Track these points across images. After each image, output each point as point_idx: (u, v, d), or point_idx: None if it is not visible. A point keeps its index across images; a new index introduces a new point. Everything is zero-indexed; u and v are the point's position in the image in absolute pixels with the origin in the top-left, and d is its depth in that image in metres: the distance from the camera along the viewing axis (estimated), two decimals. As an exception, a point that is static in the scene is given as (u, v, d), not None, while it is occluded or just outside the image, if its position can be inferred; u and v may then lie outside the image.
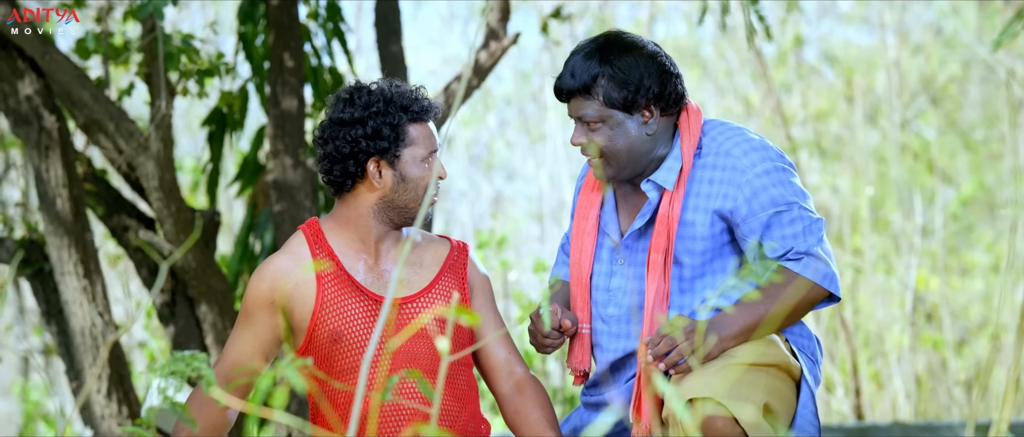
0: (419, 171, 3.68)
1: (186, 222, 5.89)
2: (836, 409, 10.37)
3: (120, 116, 5.70)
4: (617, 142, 3.68)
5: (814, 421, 3.69)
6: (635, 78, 3.66)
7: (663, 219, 3.70)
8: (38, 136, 5.77)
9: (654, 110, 3.69)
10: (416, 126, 3.68)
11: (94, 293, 5.87)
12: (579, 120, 3.70)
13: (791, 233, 3.62)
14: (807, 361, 3.76)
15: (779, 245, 3.63)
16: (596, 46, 3.70)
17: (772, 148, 3.72)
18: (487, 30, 6.28)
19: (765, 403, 3.55)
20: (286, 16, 6.18)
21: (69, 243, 5.80)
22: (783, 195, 3.63)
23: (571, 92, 3.69)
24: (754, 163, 3.66)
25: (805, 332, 3.82)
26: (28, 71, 5.75)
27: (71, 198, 5.81)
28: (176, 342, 6.15)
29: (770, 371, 3.63)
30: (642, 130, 3.69)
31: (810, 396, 3.69)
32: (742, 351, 3.63)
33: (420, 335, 3.67)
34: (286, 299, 3.71)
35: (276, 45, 6.16)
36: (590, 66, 3.67)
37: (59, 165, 5.78)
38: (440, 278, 3.74)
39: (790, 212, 3.63)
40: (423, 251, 3.78)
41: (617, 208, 3.85)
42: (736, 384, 3.53)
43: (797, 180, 3.72)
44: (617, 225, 3.83)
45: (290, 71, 6.14)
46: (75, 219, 5.81)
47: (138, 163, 5.73)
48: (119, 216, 6.21)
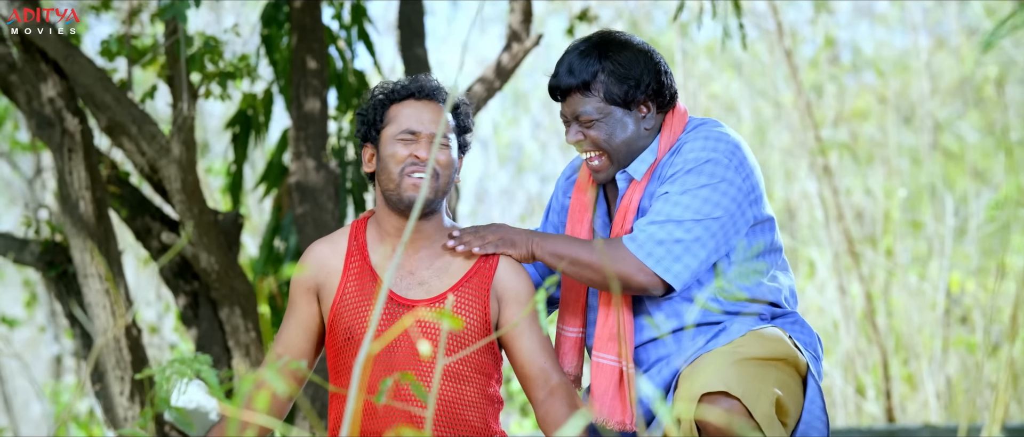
0: (391, 148, 3.67)
1: (209, 224, 5.89)
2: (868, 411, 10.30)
3: (143, 118, 5.70)
4: (615, 138, 3.67)
5: (822, 416, 3.68)
6: (635, 73, 3.67)
7: (623, 209, 3.71)
8: (61, 138, 5.78)
9: (651, 105, 3.70)
10: (398, 105, 3.69)
11: (116, 295, 5.88)
12: (576, 119, 3.69)
13: (655, 209, 3.61)
14: (811, 358, 3.75)
15: (639, 219, 3.64)
16: (592, 44, 3.71)
17: (722, 152, 3.65)
18: (509, 32, 6.27)
19: (777, 398, 3.54)
20: (309, 18, 6.17)
21: (91, 245, 5.81)
22: (680, 187, 3.61)
23: (569, 90, 3.68)
24: (690, 150, 3.64)
25: (806, 328, 3.82)
26: (51, 73, 5.76)
27: (94, 200, 5.81)
28: (199, 344, 6.16)
29: (779, 366, 3.63)
30: (640, 125, 3.69)
31: (818, 391, 3.69)
32: (752, 346, 3.63)
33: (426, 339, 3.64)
34: (318, 286, 3.74)
35: (299, 47, 6.16)
36: (589, 63, 3.67)
37: (82, 167, 5.79)
38: (460, 286, 3.70)
39: (669, 200, 3.60)
40: (453, 257, 3.74)
41: (608, 206, 3.83)
42: (749, 378, 3.52)
43: (724, 192, 3.63)
44: (608, 221, 3.82)
45: (313, 73, 6.13)
46: (98, 221, 5.82)
47: (160, 165, 5.73)
48: (143, 218, 6.22)
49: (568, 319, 3.85)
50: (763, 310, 3.77)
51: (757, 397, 3.51)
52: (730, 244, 3.66)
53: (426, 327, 3.65)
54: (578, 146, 3.71)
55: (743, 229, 3.67)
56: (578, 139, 3.69)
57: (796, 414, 3.65)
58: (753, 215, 3.70)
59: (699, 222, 3.59)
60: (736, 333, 3.69)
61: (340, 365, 3.71)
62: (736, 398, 3.49)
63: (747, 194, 3.66)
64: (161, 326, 10.71)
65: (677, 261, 3.58)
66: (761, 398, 3.51)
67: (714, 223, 3.60)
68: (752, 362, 3.58)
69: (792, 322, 3.80)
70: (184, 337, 10.04)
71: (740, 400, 3.49)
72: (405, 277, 3.69)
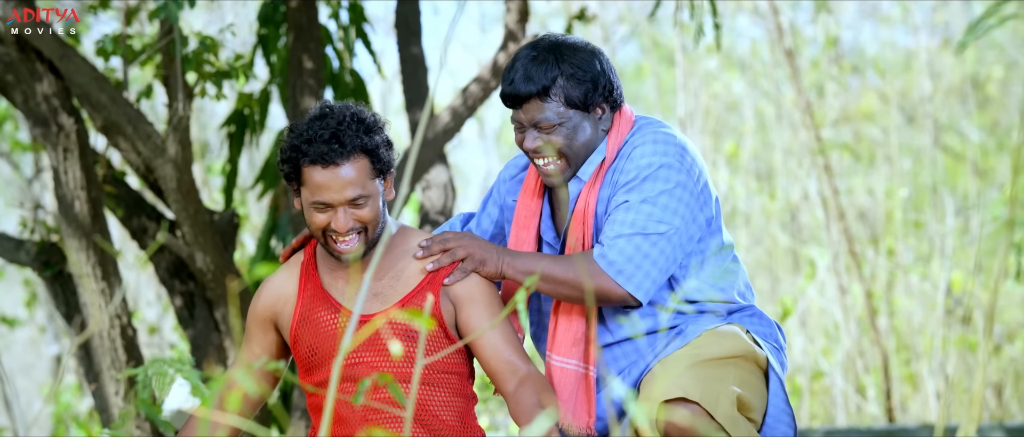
0: (308, 215, 3.62)
1: (204, 224, 5.88)
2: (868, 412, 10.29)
3: (138, 118, 5.69)
4: (576, 142, 3.65)
5: (787, 409, 3.68)
6: (592, 74, 3.64)
7: (578, 213, 3.69)
8: (56, 138, 5.77)
9: (605, 107, 3.68)
10: (311, 169, 3.56)
11: (112, 295, 5.87)
12: (534, 126, 3.64)
13: (618, 220, 3.59)
14: (771, 349, 3.75)
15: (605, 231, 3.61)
16: (545, 49, 3.65)
17: (673, 155, 3.63)
18: (506, 32, 6.26)
19: (738, 396, 3.54)
20: (305, 18, 6.17)
21: (87, 245, 5.81)
22: (639, 195, 3.59)
23: (528, 96, 3.62)
24: (642, 155, 3.62)
25: (764, 320, 3.81)
26: (46, 73, 5.76)
27: (89, 200, 5.81)
28: (195, 344, 6.15)
29: (738, 363, 3.63)
30: (597, 127, 3.67)
31: (780, 384, 3.69)
32: (709, 346, 3.62)
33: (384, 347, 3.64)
34: (275, 316, 3.75)
35: (295, 47, 6.15)
36: (546, 68, 3.61)
37: (77, 167, 5.79)
38: (415, 294, 3.67)
39: (631, 209, 3.58)
40: (407, 263, 3.70)
41: (553, 211, 3.82)
42: (707, 380, 3.52)
43: (680, 198, 3.62)
44: (553, 227, 3.80)
45: (309, 73, 6.13)
46: (93, 221, 5.82)
47: (156, 165, 5.72)
48: (139, 218, 6.21)
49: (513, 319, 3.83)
50: (719, 308, 3.76)
51: (717, 399, 3.51)
52: (687, 250, 3.65)
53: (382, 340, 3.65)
54: (536, 152, 3.67)
55: (698, 234, 3.67)
56: (538, 145, 3.64)
57: (762, 408, 3.66)
58: (705, 217, 3.69)
59: (663, 235, 3.57)
60: (693, 334, 3.68)
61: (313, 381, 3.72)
62: (695, 402, 3.48)
63: (697, 197, 3.66)
64: (161, 326, 10.71)
65: (646, 276, 3.58)
66: (721, 399, 3.51)
67: (675, 234, 3.60)
68: (710, 363, 3.58)
69: (749, 315, 3.79)
70: (184, 337, 10.04)
71: (699, 404, 3.48)
72: (357, 291, 3.69)
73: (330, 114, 3.59)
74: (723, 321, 3.74)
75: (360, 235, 3.59)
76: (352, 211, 3.56)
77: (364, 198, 3.56)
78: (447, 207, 6.57)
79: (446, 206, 6.52)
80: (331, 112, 3.60)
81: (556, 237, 3.79)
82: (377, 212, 3.60)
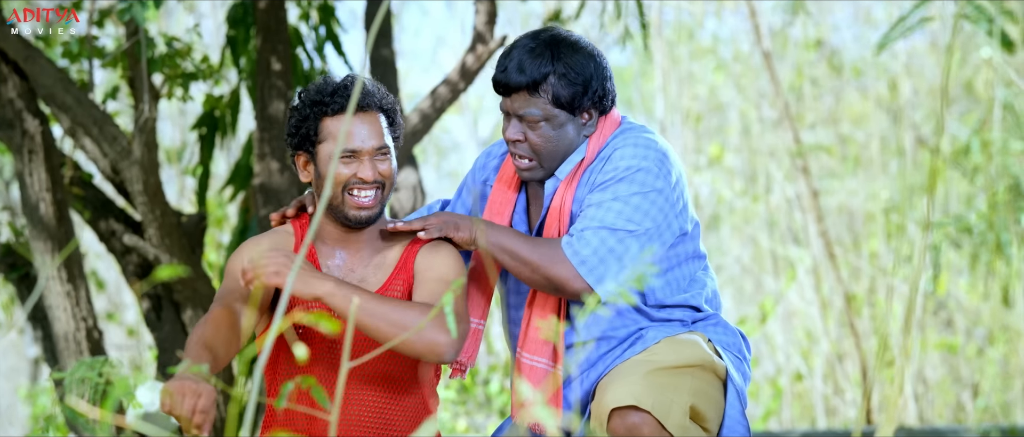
0: (330, 167, 3.59)
1: (171, 226, 5.86)
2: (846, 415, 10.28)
3: (104, 120, 5.67)
4: (557, 143, 3.63)
5: (742, 420, 3.65)
6: (585, 77, 3.61)
7: (554, 210, 3.67)
8: (21, 140, 5.75)
9: (593, 112, 3.65)
10: (333, 120, 3.60)
11: (78, 298, 5.85)
12: (519, 118, 3.63)
13: (589, 215, 3.58)
14: (733, 359, 3.72)
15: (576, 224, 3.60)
16: (544, 43, 3.62)
17: (652, 160, 3.61)
18: (474, 34, 6.23)
19: (692, 405, 3.51)
20: (273, 19, 6.14)
21: (52, 248, 5.79)
22: (612, 194, 3.58)
23: (518, 87, 3.61)
24: (622, 158, 3.60)
25: (728, 330, 3.78)
26: (11, 75, 5.74)
27: (54, 202, 5.78)
28: (161, 347, 6.13)
29: (694, 372, 3.60)
30: (580, 131, 3.65)
31: (737, 395, 3.65)
32: (666, 354, 3.60)
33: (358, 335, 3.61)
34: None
35: (263, 48, 6.13)
36: (540, 63, 3.59)
37: (42, 169, 5.76)
38: (393, 278, 3.67)
39: (602, 207, 3.57)
40: (388, 250, 3.70)
41: (528, 205, 3.80)
42: (660, 389, 3.49)
43: (653, 201, 3.60)
44: (526, 221, 3.78)
45: (277, 74, 6.11)
46: (58, 224, 5.79)
47: (122, 167, 5.70)
48: (107, 220, 6.19)
49: (471, 309, 3.81)
50: (686, 316, 3.73)
51: (669, 408, 3.48)
52: (656, 254, 3.63)
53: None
54: (514, 144, 3.65)
55: (668, 240, 3.64)
56: (518, 138, 3.63)
57: (717, 418, 3.62)
58: (679, 226, 3.67)
59: (631, 233, 3.56)
60: (652, 340, 3.66)
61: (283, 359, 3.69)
62: (646, 411, 3.46)
63: (673, 205, 3.63)
64: (139, 329, 10.68)
65: (608, 272, 3.56)
66: (673, 408, 3.48)
67: (643, 235, 3.57)
68: (664, 371, 3.55)
69: (713, 324, 3.76)
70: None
71: (650, 413, 3.45)
72: (347, 275, 3.67)
73: (341, 80, 3.64)
74: (686, 329, 3.72)
75: (378, 192, 3.60)
76: (376, 163, 3.58)
77: (386, 149, 3.60)
78: (416, 209, 6.55)
79: (415, 208, 6.49)
80: (341, 80, 3.64)
81: (528, 231, 3.77)
82: (393, 171, 3.63)
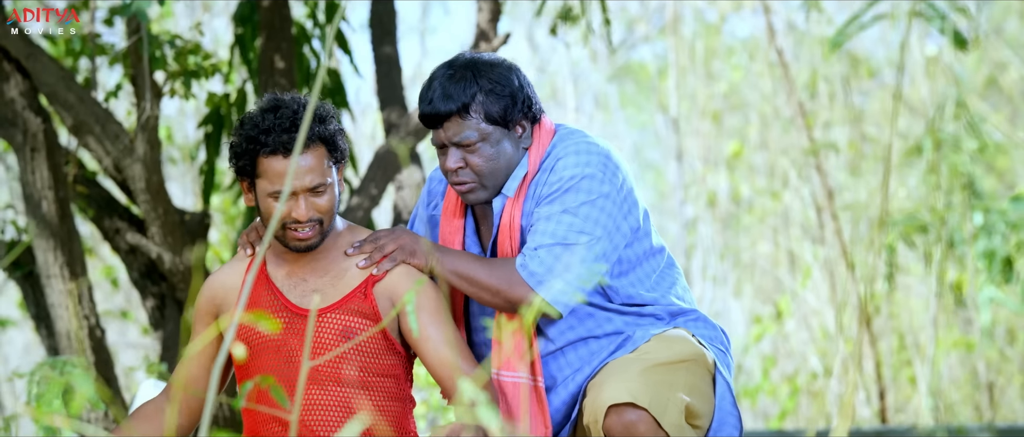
0: (265, 206, 3.57)
1: (174, 225, 5.85)
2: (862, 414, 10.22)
3: (106, 118, 5.66)
4: (498, 160, 3.60)
5: (734, 411, 3.65)
6: (511, 89, 3.60)
7: (504, 228, 3.65)
8: (23, 138, 5.75)
9: (525, 124, 3.64)
10: (269, 159, 3.53)
11: (80, 296, 5.84)
12: (455, 145, 3.59)
13: (539, 230, 3.56)
14: (718, 352, 3.71)
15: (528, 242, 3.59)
16: (461, 67, 3.61)
17: (596, 166, 3.59)
18: (477, 31, 6.21)
19: (686, 404, 3.50)
20: (277, 17, 6.14)
21: (55, 246, 5.78)
22: (561, 206, 3.56)
23: (448, 115, 3.58)
24: (564, 167, 3.59)
25: (709, 324, 3.77)
26: (13, 73, 5.73)
27: (57, 201, 5.78)
28: (165, 345, 6.12)
29: (688, 367, 3.59)
30: (518, 144, 3.64)
31: (727, 387, 3.65)
32: (658, 351, 3.58)
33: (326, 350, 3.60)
34: (217, 308, 3.72)
35: (267, 46, 6.12)
36: (465, 85, 3.57)
37: (45, 167, 5.76)
38: (355, 294, 3.64)
39: (551, 220, 3.56)
40: (349, 263, 3.66)
41: (478, 228, 3.77)
42: (656, 386, 3.48)
43: (602, 208, 3.58)
44: (478, 243, 3.75)
45: (281, 72, 6.10)
46: (61, 222, 5.79)
47: (124, 165, 5.69)
48: (111, 219, 6.18)
49: None
50: (659, 311, 3.71)
51: (665, 405, 3.47)
52: (611, 259, 3.61)
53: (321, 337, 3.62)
54: (455, 174, 3.61)
55: (623, 242, 3.62)
56: (460, 165, 3.60)
57: (709, 413, 3.62)
58: (630, 227, 3.64)
59: (583, 245, 3.54)
60: (642, 339, 3.65)
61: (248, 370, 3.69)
62: (643, 408, 3.44)
63: (621, 207, 3.61)
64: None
65: (566, 286, 3.54)
66: (669, 406, 3.47)
67: (596, 244, 3.56)
68: (659, 368, 3.54)
69: (694, 319, 3.75)
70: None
71: (647, 410, 3.44)
72: (299, 285, 3.66)
73: (283, 105, 3.57)
74: (669, 325, 3.70)
75: (317, 225, 3.57)
76: (312, 200, 3.55)
77: (323, 186, 3.55)
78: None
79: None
80: (283, 103, 3.58)
81: (481, 253, 3.75)
82: (334, 201, 3.59)
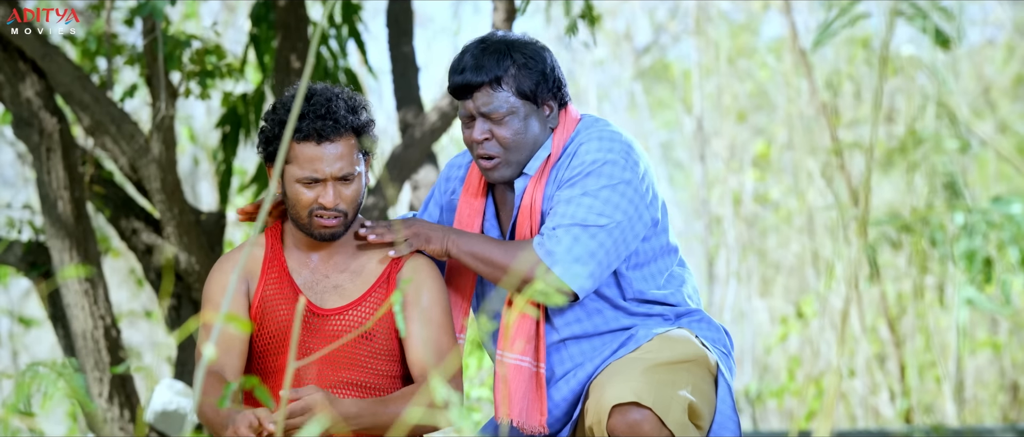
0: (294, 189, 3.58)
1: (190, 225, 5.85)
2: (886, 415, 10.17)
3: (122, 118, 5.66)
4: (524, 135, 3.61)
5: (733, 416, 3.64)
6: (543, 66, 3.62)
7: (525, 209, 3.65)
8: (39, 138, 5.75)
9: (553, 105, 3.65)
10: (303, 145, 3.55)
11: (95, 296, 5.84)
12: (483, 116, 3.60)
13: (559, 212, 3.56)
14: (720, 354, 3.70)
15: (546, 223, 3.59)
16: (495, 41, 3.65)
17: (618, 152, 3.59)
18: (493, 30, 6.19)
19: (689, 404, 3.49)
20: (293, 17, 6.13)
21: (70, 246, 5.79)
22: (581, 189, 3.56)
23: (479, 85, 3.59)
24: (587, 151, 3.59)
25: (712, 325, 3.76)
26: (29, 73, 5.74)
27: (72, 200, 5.78)
28: (181, 347, 6.12)
29: (690, 368, 3.59)
30: (545, 124, 3.65)
31: (728, 389, 3.65)
32: (662, 351, 3.57)
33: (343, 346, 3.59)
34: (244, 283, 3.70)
35: (283, 46, 6.12)
36: (498, 58, 3.60)
37: (60, 167, 5.77)
38: (374, 290, 3.64)
39: (571, 202, 3.56)
40: (369, 259, 3.67)
41: (497, 213, 3.76)
42: (660, 385, 3.47)
43: (622, 193, 3.58)
44: (497, 226, 3.74)
45: (297, 72, 6.09)
46: (77, 222, 5.79)
47: (140, 165, 5.69)
48: (127, 218, 6.19)
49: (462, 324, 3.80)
50: (667, 311, 3.69)
51: (669, 405, 3.46)
52: (630, 247, 3.60)
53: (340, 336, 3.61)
54: (481, 146, 3.61)
55: (642, 232, 3.62)
56: (487, 137, 3.60)
57: (710, 414, 3.61)
58: (651, 216, 3.63)
59: (602, 227, 3.54)
60: (644, 338, 3.63)
61: (263, 367, 3.66)
62: (647, 408, 3.43)
63: (643, 196, 3.61)
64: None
65: (584, 269, 3.53)
66: (673, 406, 3.47)
67: (616, 228, 3.56)
68: (663, 368, 3.53)
69: (697, 320, 3.74)
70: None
71: (651, 409, 3.43)
72: (321, 281, 3.65)
73: (318, 93, 3.60)
74: (673, 325, 3.70)
75: (342, 217, 3.59)
76: (339, 188, 3.56)
77: (352, 176, 3.57)
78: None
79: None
80: (317, 92, 3.61)
81: (500, 235, 3.75)
82: (359, 193, 3.61)
